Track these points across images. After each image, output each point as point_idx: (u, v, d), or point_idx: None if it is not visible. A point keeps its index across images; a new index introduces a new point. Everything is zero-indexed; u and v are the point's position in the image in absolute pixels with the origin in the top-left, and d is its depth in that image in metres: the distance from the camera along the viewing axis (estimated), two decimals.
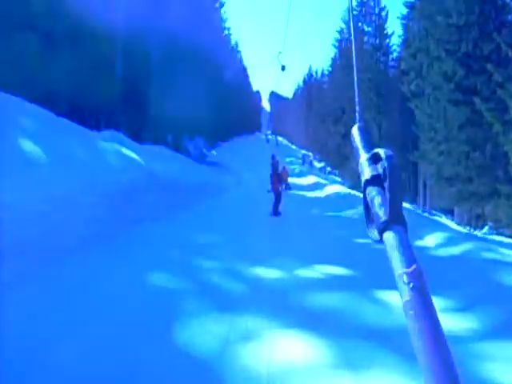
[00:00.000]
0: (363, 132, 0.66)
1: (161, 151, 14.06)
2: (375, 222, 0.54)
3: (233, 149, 40.48)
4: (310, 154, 56.68)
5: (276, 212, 10.42)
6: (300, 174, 29.44)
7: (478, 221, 16.78)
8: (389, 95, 28.51)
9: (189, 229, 7.73)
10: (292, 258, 5.80)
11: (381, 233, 0.53)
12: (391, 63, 32.44)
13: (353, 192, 17.03)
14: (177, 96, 18.28)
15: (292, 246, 6.79)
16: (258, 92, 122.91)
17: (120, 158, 9.61)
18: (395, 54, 32.00)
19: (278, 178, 10.87)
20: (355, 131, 0.67)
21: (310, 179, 26.00)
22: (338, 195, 16.02)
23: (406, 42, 27.01)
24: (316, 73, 72.04)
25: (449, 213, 19.87)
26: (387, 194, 0.53)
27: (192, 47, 20.78)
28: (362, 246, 6.49)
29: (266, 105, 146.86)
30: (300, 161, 47.66)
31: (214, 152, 24.93)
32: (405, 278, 0.47)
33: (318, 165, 48.62)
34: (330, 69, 48.01)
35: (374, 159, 0.58)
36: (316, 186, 21.11)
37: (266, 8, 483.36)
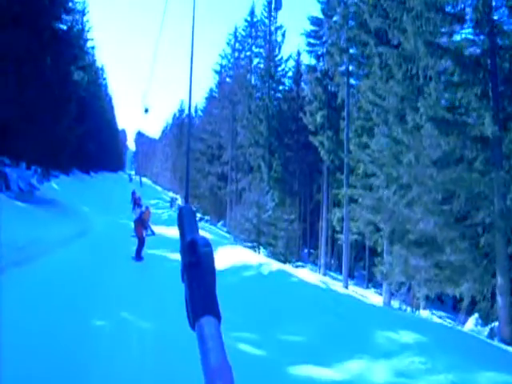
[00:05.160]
0: (188, 214, 0.64)
1: None
2: (189, 310, 0.53)
3: (87, 185, 33.19)
4: (178, 196, 51.45)
5: (139, 256, 10.68)
6: (170, 222, 23.24)
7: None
8: (284, 129, 25.26)
9: None
10: None
11: (194, 322, 0.51)
12: (282, 92, 28.94)
13: (289, 270, 10.59)
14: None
15: None
16: (123, 131, 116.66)
17: None
18: (287, 81, 29.13)
19: (142, 223, 11.40)
20: (180, 213, 0.65)
21: None
22: (258, 276, 9.02)
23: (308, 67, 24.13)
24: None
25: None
26: (199, 283, 0.53)
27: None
28: None
29: (131, 145, 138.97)
30: (168, 204, 41.98)
31: (54, 185, 18.13)
32: (211, 375, 0.44)
33: None
34: (205, 101, 44.36)
35: (193, 245, 0.56)
36: None
37: (131, 49, 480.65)
